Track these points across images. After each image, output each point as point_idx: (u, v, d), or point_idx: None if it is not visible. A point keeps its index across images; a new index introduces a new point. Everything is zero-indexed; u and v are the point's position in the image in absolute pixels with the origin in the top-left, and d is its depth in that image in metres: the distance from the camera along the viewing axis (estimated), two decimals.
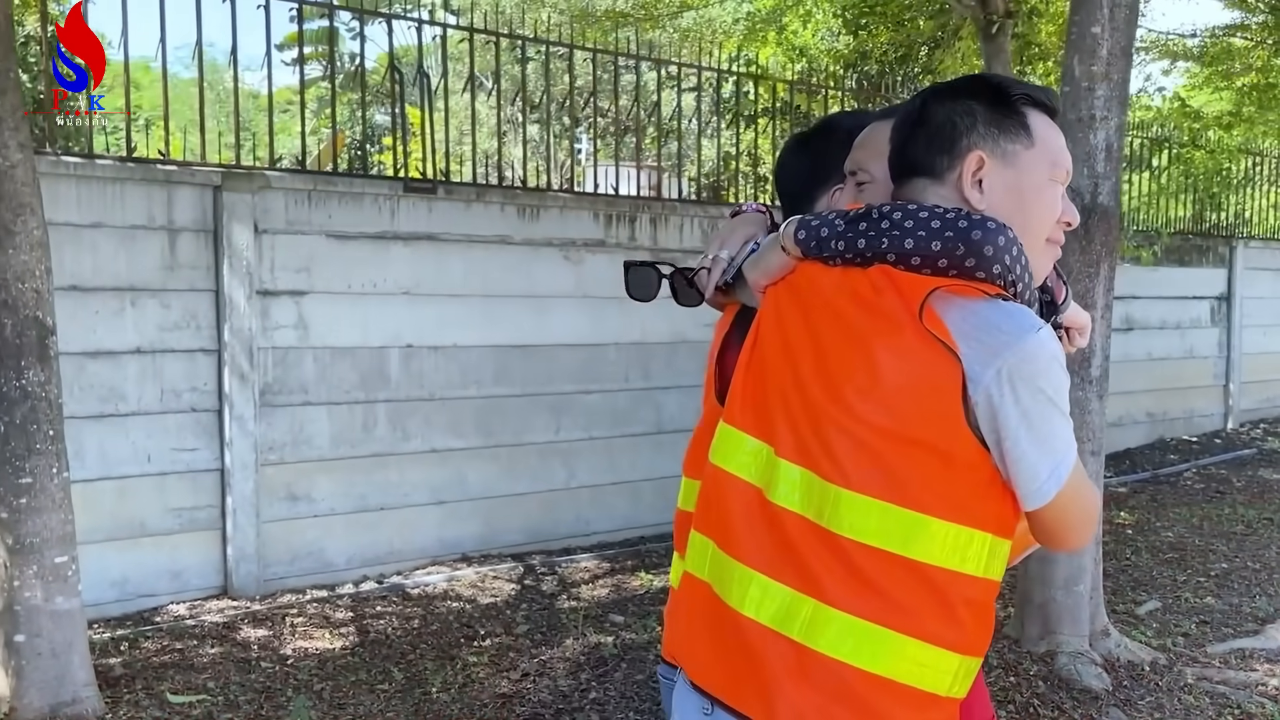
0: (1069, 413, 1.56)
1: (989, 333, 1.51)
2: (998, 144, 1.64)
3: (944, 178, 1.65)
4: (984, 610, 1.60)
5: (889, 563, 1.53)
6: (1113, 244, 4.49)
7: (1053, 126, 1.69)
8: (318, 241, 5.85)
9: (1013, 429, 1.50)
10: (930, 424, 1.51)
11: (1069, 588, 4.58)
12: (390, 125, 6.44)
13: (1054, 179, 1.66)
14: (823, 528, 1.56)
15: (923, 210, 1.58)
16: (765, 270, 1.74)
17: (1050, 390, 1.51)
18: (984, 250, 1.53)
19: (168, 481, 5.49)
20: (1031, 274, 1.61)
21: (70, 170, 5.19)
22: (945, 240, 1.54)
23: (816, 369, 1.60)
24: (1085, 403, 4.51)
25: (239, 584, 5.63)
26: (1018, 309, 1.53)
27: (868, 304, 1.56)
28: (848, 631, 1.53)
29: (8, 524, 3.83)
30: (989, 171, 1.63)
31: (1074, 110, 4.44)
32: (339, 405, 5.95)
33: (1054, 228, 1.69)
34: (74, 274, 5.19)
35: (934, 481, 1.52)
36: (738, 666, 1.61)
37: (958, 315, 1.52)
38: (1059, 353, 1.52)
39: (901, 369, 1.52)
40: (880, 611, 1.53)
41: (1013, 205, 1.63)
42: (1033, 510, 1.58)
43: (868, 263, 1.59)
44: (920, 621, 1.53)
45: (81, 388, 5.24)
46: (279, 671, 4.59)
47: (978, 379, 1.50)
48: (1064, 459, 1.54)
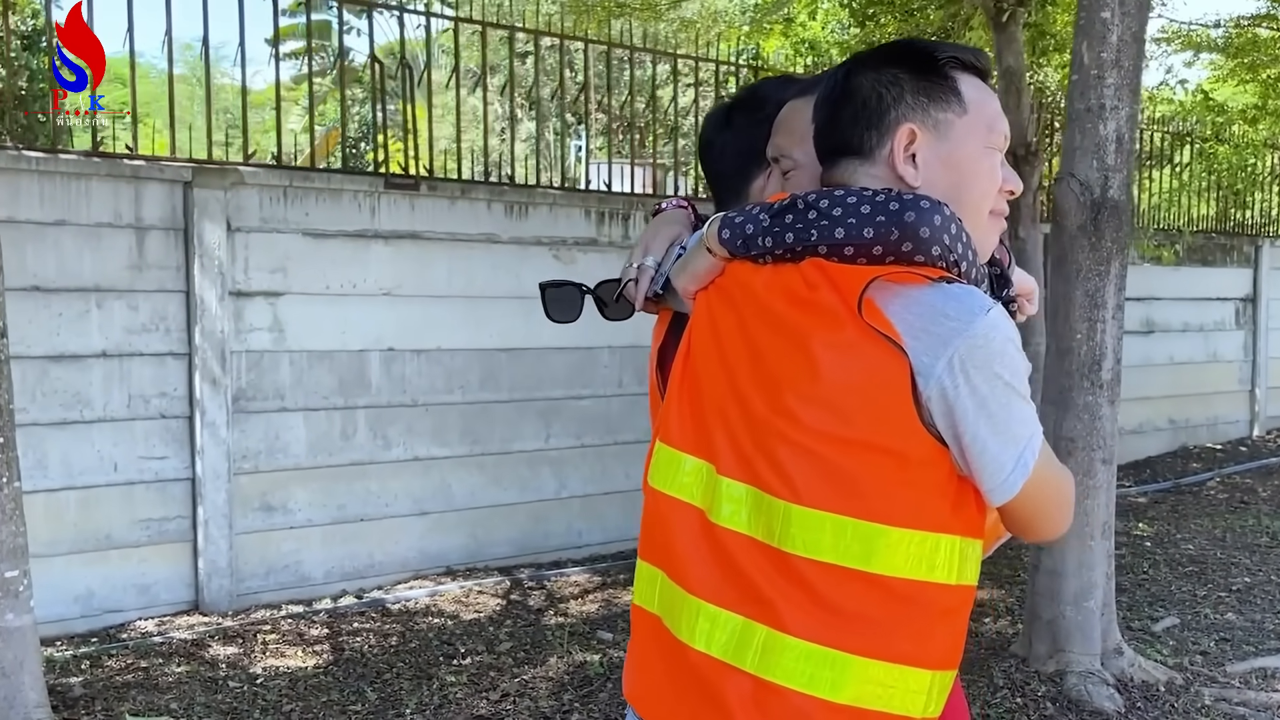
0: (1030, 395, 1.48)
1: (935, 321, 1.43)
2: (928, 114, 1.55)
3: (874, 156, 1.57)
4: (959, 619, 1.53)
5: (848, 580, 1.45)
6: (1124, 240, 4.40)
7: (985, 90, 1.61)
8: (294, 240, 5.78)
9: (971, 421, 1.43)
10: (880, 425, 1.43)
11: (1079, 603, 4.48)
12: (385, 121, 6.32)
13: (991, 146, 1.58)
14: (773, 548, 1.48)
15: (851, 195, 1.50)
16: (692, 275, 1.66)
17: (1007, 374, 1.43)
18: (919, 232, 1.45)
19: (135, 491, 5.42)
20: (975, 250, 1.53)
21: (32, 165, 5.12)
22: (877, 226, 1.46)
23: (754, 376, 1.52)
24: (1096, 408, 4.41)
25: (211, 599, 5.55)
26: (964, 291, 1.45)
27: (803, 301, 1.49)
28: (805, 659, 1.45)
29: None
30: (922, 145, 1.55)
31: (1083, 99, 4.35)
32: (317, 411, 5.87)
33: (996, 198, 1.61)
34: (36, 274, 5.13)
35: (890, 487, 1.44)
36: (693, 706, 1.54)
37: (900, 305, 1.44)
38: (1013, 332, 1.45)
39: (844, 368, 1.44)
40: (840, 634, 1.45)
41: (951, 179, 1.55)
42: (1003, 504, 1.50)
43: (799, 257, 1.51)
44: (886, 641, 1.45)
45: (44, 393, 5.17)
46: (247, 691, 4.51)
47: (928, 372, 1.42)
48: (1029, 445, 1.46)
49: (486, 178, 6.61)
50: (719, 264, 1.62)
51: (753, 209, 1.60)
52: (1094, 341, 4.40)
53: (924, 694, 1.49)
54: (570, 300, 1.98)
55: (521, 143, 12.57)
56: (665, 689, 1.60)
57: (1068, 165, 4.42)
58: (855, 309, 1.44)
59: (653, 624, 1.63)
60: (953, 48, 1.63)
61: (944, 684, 1.53)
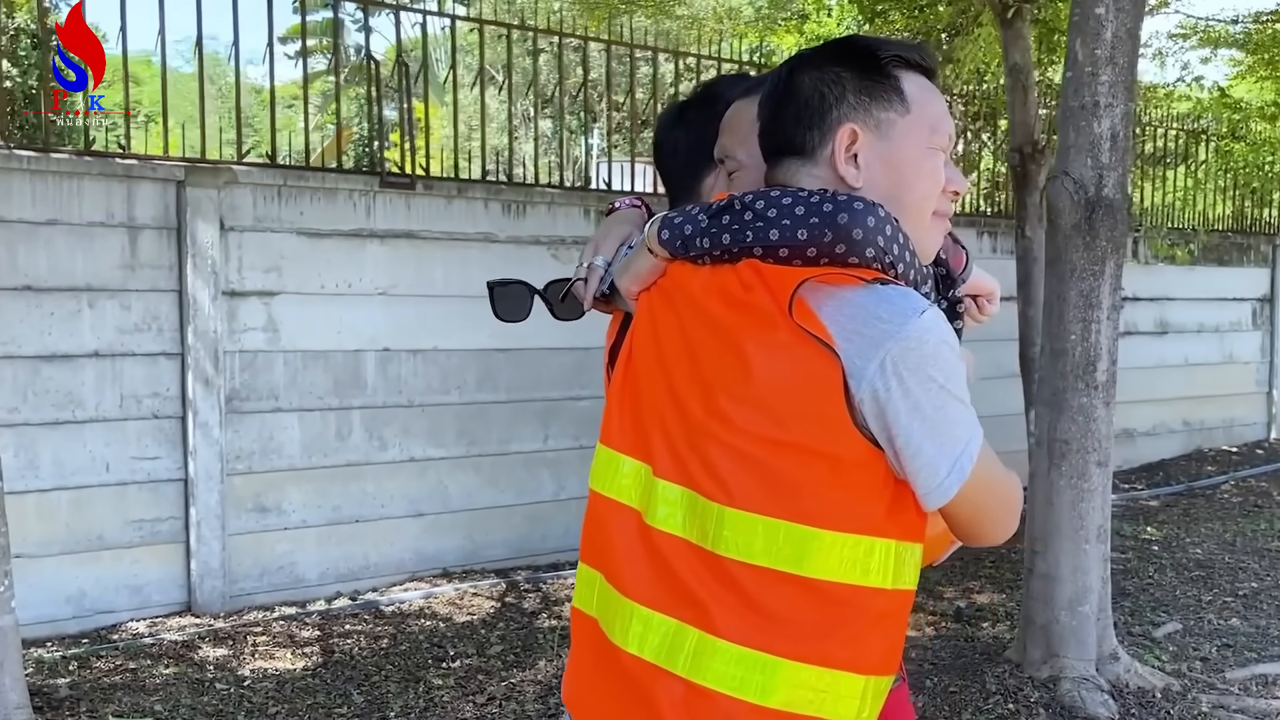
0: (966, 397, 1.47)
1: (867, 323, 1.42)
2: (870, 114, 1.55)
3: (816, 156, 1.57)
4: (895, 624, 1.52)
5: (780, 583, 1.45)
6: (1119, 240, 4.38)
7: (930, 89, 1.60)
8: (288, 240, 5.80)
9: (904, 424, 1.42)
10: (812, 427, 1.43)
11: (1073, 608, 4.46)
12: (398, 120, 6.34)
13: (934, 146, 1.58)
14: (707, 551, 1.48)
15: (786, 196, 1.50)
16: (635, 276, 1.66)
17: (942, 377, 1.43)
18: (853, 234, 1.45)
19: (128, 492, 5.44)
20: (914, 251, 1.53)
21: (24, 165, 5.15)
22: (811, 227, 1.46)
23: (691, 377, 1.52)
24: (1090, 410, 4.39)
25: (203, 600, 5.57)
26: (898, 293, 1.45)
27: (738, 303, 1.49)
28: (736, 662, 1.45)
29: None
30: (864, 145, 1.55)
31: (1076, 97, 4.33)
32: (311, 412, 5.89)
33: (940, 199, 1.60)
34: (28, 273, 5.16)
35: (823, 490, 1.44)
36: (626, 709, 1.54)
37: (833, 307, 1.44)
38: (948, 335, 1.44)
39: (777, 370, 1.44)
40: (771, 638, 1.45)
41: (892, 179, 1.55)
42: (939, 507, 1.50)
43: (736, 258, 1.51)
44: (818, 645, 1.45)
45: (35, 393, 5.20)
46: (234, 694, 4.52)
47: (859, 374, 1.42)
48: (966, 449, 1.45)
49: (484, 176, 6.61)
50: (660, 265, 1.62)
51: (692, 210, 1.60)
52: (1089, 342, 4.38)
53: (857, 699, 1.49)
54: (519, 299, 1.98)
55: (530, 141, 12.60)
56: (599, 693, 1.60)
57: (1061, 164, 4.40)
58: (787, 310, 1.44)
59: (590, 627, 1.64)
60: (897, 45, 1.62)
61: (879, 690, 1.53)
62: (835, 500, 1.44)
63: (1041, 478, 4.54)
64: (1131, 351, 9.57)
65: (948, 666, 4.74)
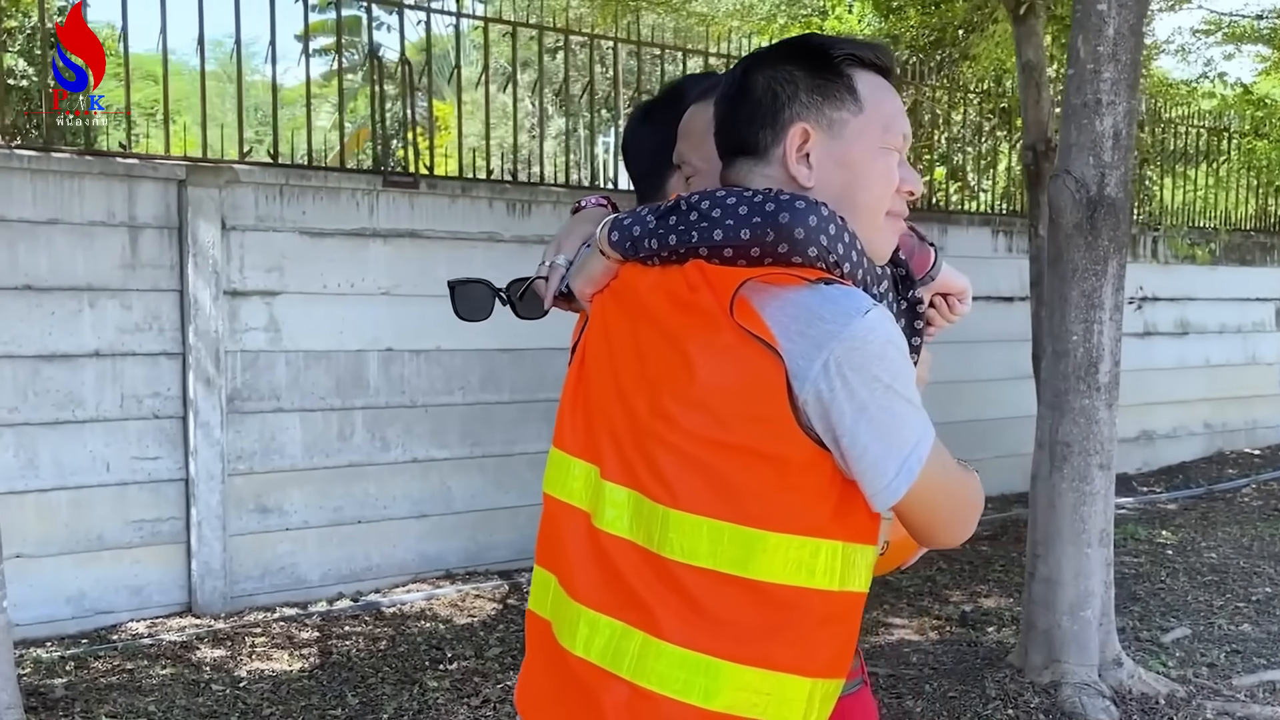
0: (916, 398, 1.47)
1: (810, 323, 1.42)
2: (822, 113, 1.55)
3: (768, 155, 1.57)
4: (843, 627, 1.52)
5: (725, 586, 1.45)
6: (1122, 239, 4.35)
7: (885, 88, 1.60)
8: (290, 239, 5.82)
9: (849, 425, 1.42)
10: (756, 429, 1.43)
11: (1074, 613, 4.43)
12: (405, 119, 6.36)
13: (887, 146, 1.57)
14: (652, 553, 1.49)
15: (731, 196, 1.50)
16: (588, 277, 1.66)
17: (888, 377, 1.42)
18: (794, 233, 1.45)
19: (128, 492, 5.48)
20: (862, 251, 1.53)
21: (25, 164, 5.19)
22: (753, 227, 1.47)
23: (638, 379, 1.53)
24: (1092, 412, 4.37)
25: (204, 601, 5.60)
26: (842, 292, 1.44)
27: (683, 304, 1.49)
28: (679, 665, 1.46)
29: None
30: (815, 144, 1.55)
31: (1079, 94, 4.31)
32: (313, 412, 5.92)
33: (893, 199, 1.60)
34: (29, 273, 5.20)
35: (768, 492, 1.44)
36: (572, 712, 1.55)
37: (776, 307, 1.44)
38: (894, 335, 1.44)
39: (721, 371, 1.45)
40: (715, 640, 1.45)
41: (844, 179, 1.55)
42: (892, 508, 1.49)
43: (683, 259, 1.52)
44: (762, 648, 1.45)
45: (36, 393, 5.24)
46: (229, 695, 4.55)
47: (803, 375, 1.41)
48: (915, 450, 1.45)
49: (489, 175, 6.63)
50: (613, 266, 1.63)
51: (641, 211, 1.61)
52: (1090, 343, 4.36)
53: (803, 703, 1.48)
54: (480, 299, 1.99)
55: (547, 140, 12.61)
56: (548, 696, 1.61)
57: (1063, 162, 4.38)
58: (729, 311, 1.44)
59: (544, 630, 1.64)
60: (851, 44, 1.62)
61: (828, 693, 1.52)
62: (780, 502, 1.44)
63: (1043, 480, 4.52)
64: (1151, 352, 9.53)
65: (949, 671, 4.72)
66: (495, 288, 1.97)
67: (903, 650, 5.02)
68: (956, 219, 8.65)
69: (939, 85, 9.11)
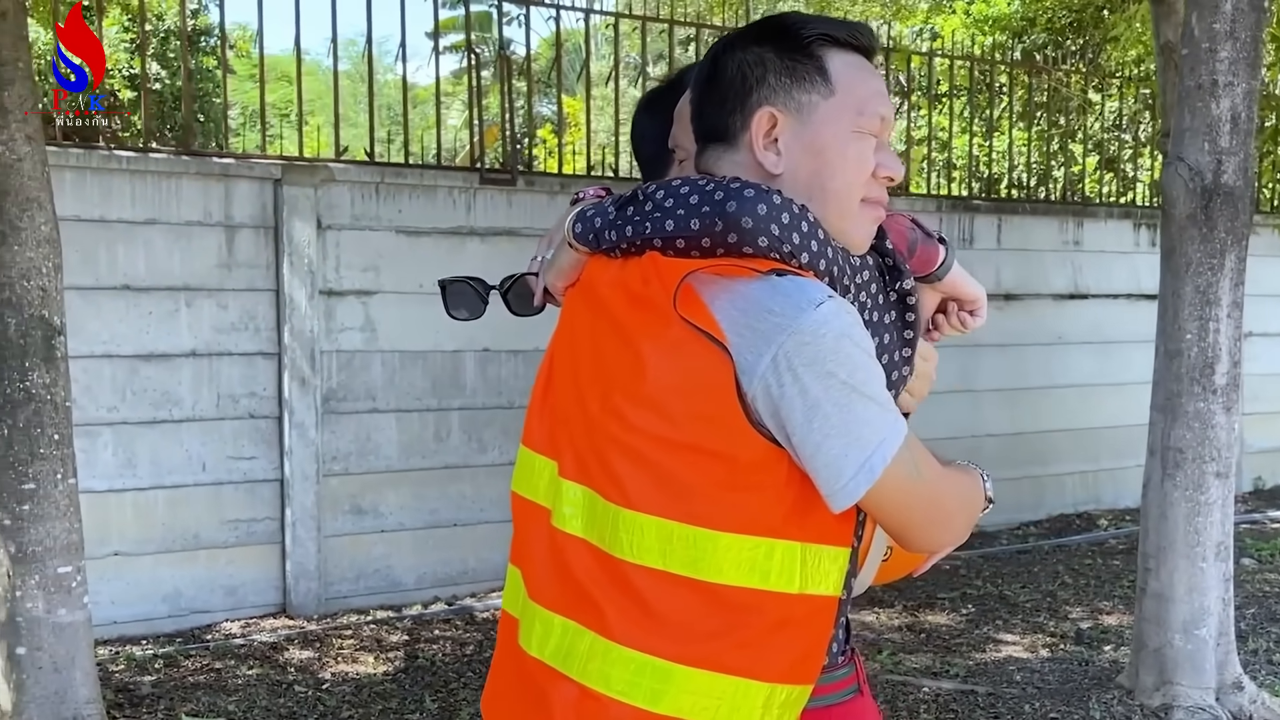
0: (881, 395, 1.45)
1: (759, 316, 1.41)
2: (791, 96, 1.54)
3: (738, 142, 1.57)
4: (806, 631, 1.50)
5: (676, 587, 1.45)
6: (1241, 231, 4.20)
7: (862, 68, 1.57)
8: (386, 238, 5.97)
9: (800, 423, 1.40)
10: (705, 427, 1.43)
11: (1189, 631, 4.28)
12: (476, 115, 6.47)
13: (861, 129, 1.55)
14: (604, 552, 1.50)
15: (684, 185, 1.50)
16: (558, 270, 1.68)
17: (844, 373, 1.40)
18: (742, 222, 1.44)
19: (224, 492, 5.68)
20: (825, 240, 1.50)
21: (124, 165, 5.42)
22: (703, 217, 1.46)
23: (594, 376, 1.54)
24: (1208, 416, 4.22)
25: (298, 602, 5.77)
26: (794, 284, 1.43)
27: (636, 298, 1.50)
28: (626, 666, 1.46)
29: (10, 531, 4.01)
30: (784, 129, 1.54)
31: (1193, 76, 4.16)
32: (409, 413, 6.05)
33: (869, 185, 1.57)
34: (127, 273, 5.42)
35: (719, 491, 1.44)
36: (525, 713, 1.57)
37: (726, 300, 1.43)
38: (851, 329, 1.42)
39: (669, 367, 1.45)
40: (664, 642, 1.45)
41: (814, 165, 1.54)
42: (865, 510, 1.49)
43: (640, 251, 1.52)
44: (711, 650, 1.45)
45: (134, 392, 5.46)
46: (310, 696, 4.68)
47: (751, 370, 1.41)
48: (879, 450, 1.42)
49: (589, 171, 6.69)
50: (580, 258, 1.64)
51: (604, 201, 1.62)
52: (1206, 342, 4.21)
53: (758, 710, 1.47)
54: (471, 296, 2.02)
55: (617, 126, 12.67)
56: (505, 695, 1.64)
57: (1176, 148, 4.24)
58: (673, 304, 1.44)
59: (511, 628, 1.67)
60: (825, 23, 1.60)
61: (789, 701, 1.50)
62: (731, 501, 1.44)
63: (1154, 489, 4.38)
64: None
65: (1053, 691, 4.60)
66: (488, 285, 2.00)
67: (1007, 668, 4.91)
68: (1093, 212, 8.41)
69: (1074, 70, 8.87)
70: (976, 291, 1.84)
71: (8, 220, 3.98)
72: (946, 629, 5.48)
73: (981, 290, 1.86)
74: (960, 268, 1.83)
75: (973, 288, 1.84)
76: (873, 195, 1.59)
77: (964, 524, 1.65)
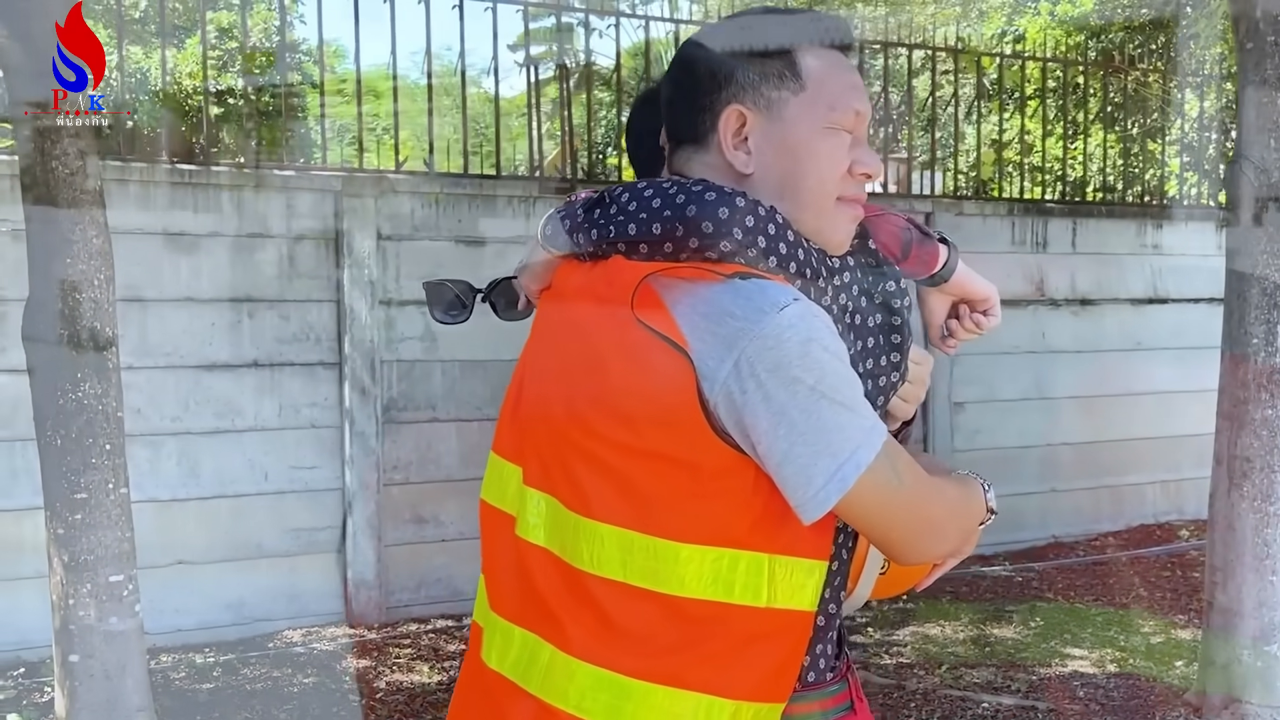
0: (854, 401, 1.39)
1: (720, 321, 1.36)
2: (760, 93, 1.49)
3: (708, 141, 1.52)
4: (776, 646, 1.44)
5: (637, 599, 1.41)
6: None
7: (836, 63, 1.51)
8: (447, 248, 5.98)
9: (765, 431, 1.35)
10: (667, 434, 1.39)
11: (1258, 647, 4.13)
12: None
13: (834, 125, 1.49)
14: (565, 563, 1.46)
15: (648, 189, 1.46)
16: (531, 273, 1.66)
17: (811, 378, 1.35)
18: (702, 226, 1.40)
19: (285, 501, 5.72)
20: (796, 242, 1.45)
21: (186, 178, 5.49)
22: (664, 220, 1.43)
23: (560, 381, 1.52)
24: (1277, 423, 4.07)
25: (359, 610, 5.79)
26: (758, 287, 1.38)
27: (601, 302, 1.47)
28: (584, 681, 1.43)
29: (63, 540, 4.06)
30: (754, 128, 1.49)
31: (1257, 70, 4.02)
32: (469, 422, 6.04)
33: (844, 183, 1.51)
34: (190, 285, 5.49)
35: (681, 500, 1.39)
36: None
37: (688, 305, 1.39)
38: (818, 333, 1.36)
39: (630, 373, 1.41)
40: (624, 657, 1.41)
41: (786, 164, 1.49)
42: (841, 516, 1.42)
43: (606, 255, 1.49)
44: (673, 666, 1.41)
45: (197, 402, 5.52)
46: (363, 705, 4.69)
47: (712, 376, 1.36)
48: (852, 458, 1.36)
49: None
50: (553, 261, 1.61)
51: (574, 204, 1.58)
52: (1273, 346, 4.06)
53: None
54: (456, 300, 1.99)
55: None
56: (467, 710, 1.63)
57: (1241, 146, 4.10)
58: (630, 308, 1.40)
59: (477, 639, 1.64)
60: (796, 16, 1.56)
61: (761, 716, 1.45)
62: (694, 511, 1.40)
63: (1221, 499, 4.23)
64: None
65: (1117, 708, 4.47)
66: (474, 288, 1.97)
67: (1072, 684, 4.77)
68: (1173, 214, 8.20)
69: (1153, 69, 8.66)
70: (987, 290, 1.76)
71: (60, 233, 4.04)
72: (1012, 642, 5.35)
73: (992, 289, 1.78)
74: (968, 268, 1.76)
75: (982, 287, 1.76)
76: (849, 193, 1.54)
77: (957, 534, 1.59)
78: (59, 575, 4.08)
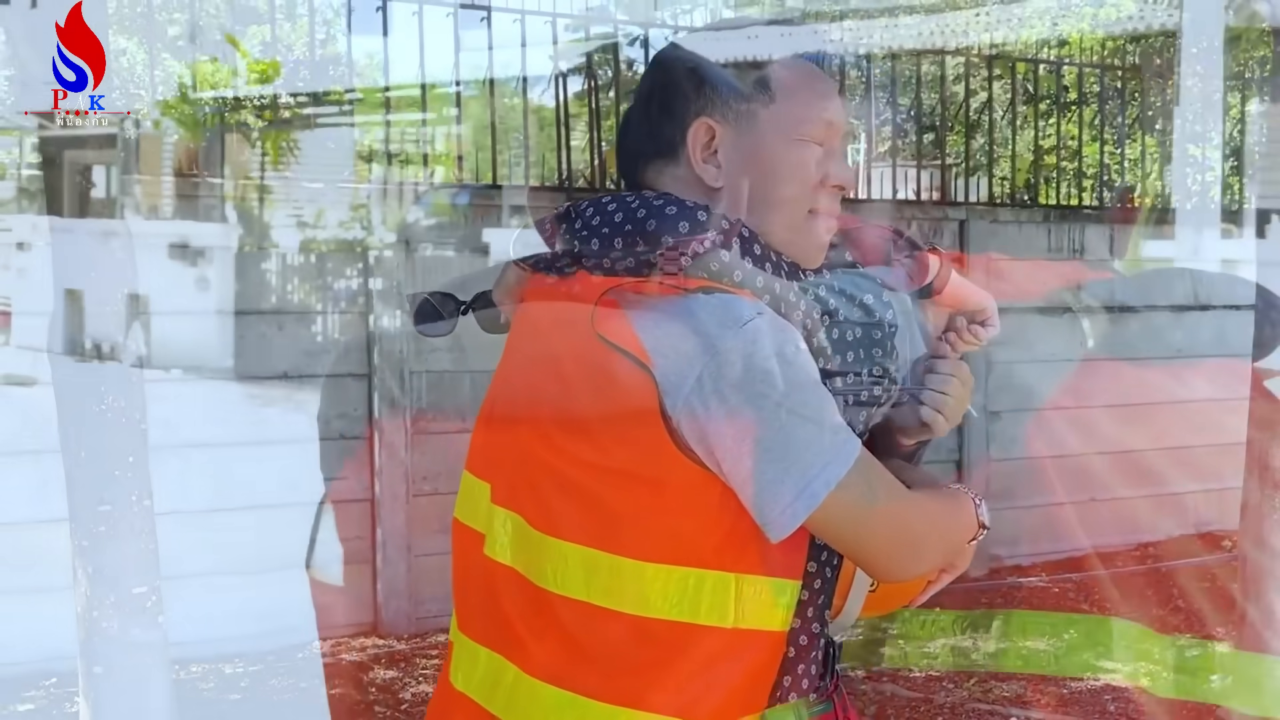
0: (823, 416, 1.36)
1: (683, 336, 1.35)
2: (729, 105, 1.48)
3: (677, 155, 1.50)
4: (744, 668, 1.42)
5: (601, 620, 1.40)
6: None
7: (808, 75, 1.50)
8: (474, 259, 5.98)
9: (730, 447, 1.33)
10: (629, 451, 1.37)
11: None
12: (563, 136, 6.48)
13: (804, 137, 1.48)
14: (530, 582, 1.45)
15: (612, 203, 1.46)
16: (505, 289, 1.64)
17: (777, 394, 1.33)
18: (662, 240, 1.40)
19: (314, 512, 5.73)
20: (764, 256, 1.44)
21: (215, 191, 5.53)
22: (626, 235, 1.43)
23: (526, 397, 1.51)
24: None
25: (389, 621, 5.80)
26: (720, 301, 1.36)
27: (564, 317, 1.46)
28: (548, 703, 1.42)
29: (87, 552, 4.08)
30: (723, 140, 1.47)
31: None
32: None
33: (816, 195, 1.49)
34: (219, 298, 5.52)
35: (645, 518, 1.37)
36: None
37: (651, 319, 1.37)
38: (781, 346, 1.34)
39: (592, 389, 1.41)
40: (587, 678, 1.40)
41: (754, 177, 1.47)
42: (815, 533, 1.40)
43: (572, 270, 1.47)
44: (634, 686, 1.39)
45: (226, 414, 5.56)
46: (388, 716, 4.69)
47: (674, 392, 1.34)
48: (822, 475, 1.34)
49: None
50: (524, 275, 1.60)
51: (543, 219, 1.58)
52: None
53: None
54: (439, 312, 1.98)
55: None
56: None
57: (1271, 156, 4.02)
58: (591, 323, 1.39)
59: (448, 660, 1.64)
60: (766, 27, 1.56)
61: None
62: (659, 529, 1.38)
63: (1252, 511, 4.15)
64: None
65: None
66: (459, 301, 1.96)
67: (1103, 697, 4.71)
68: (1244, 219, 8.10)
69: None
70: (982, 300, 1.73)
71: (83, 246, 4.08)
72: (1044, 654, 5.29)
73: (988, 298, 1.75)
74: (962, 278, 1.72)
75: (978, 297, 1.73)
76: (822, 206, 1.52)
77: (940, 551, 1.56)
78: (83, 587, 4.11)
